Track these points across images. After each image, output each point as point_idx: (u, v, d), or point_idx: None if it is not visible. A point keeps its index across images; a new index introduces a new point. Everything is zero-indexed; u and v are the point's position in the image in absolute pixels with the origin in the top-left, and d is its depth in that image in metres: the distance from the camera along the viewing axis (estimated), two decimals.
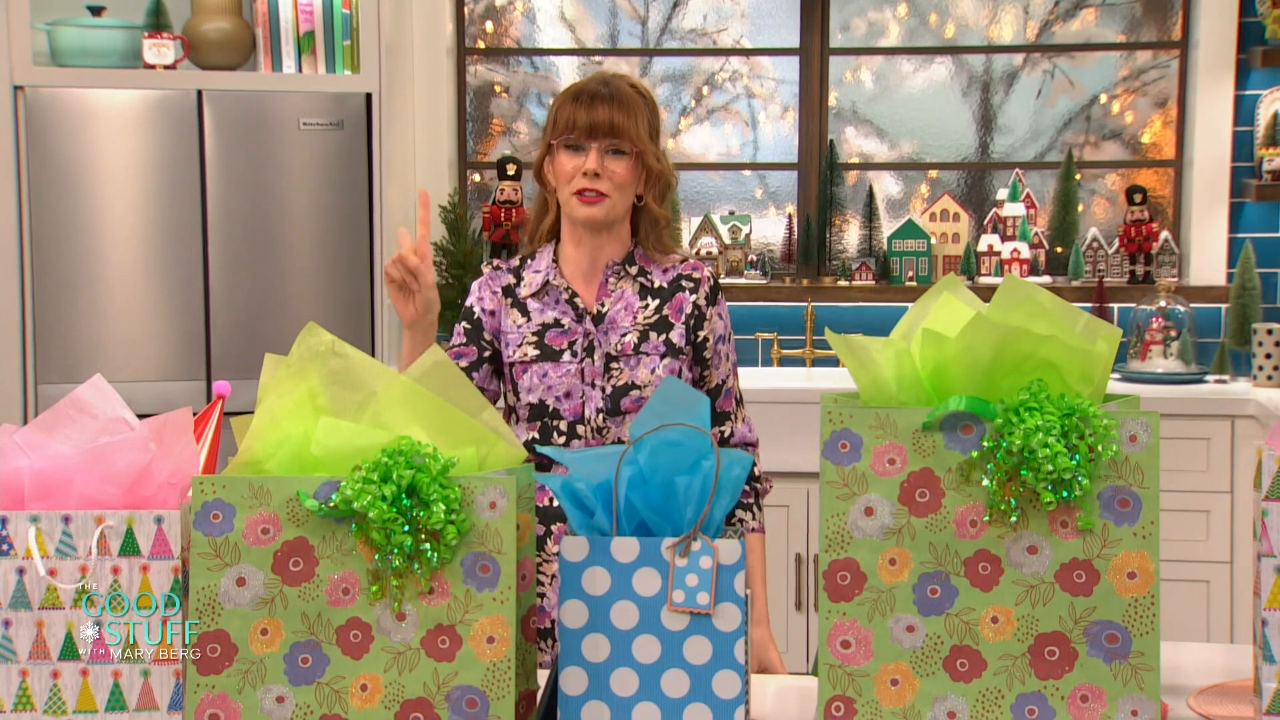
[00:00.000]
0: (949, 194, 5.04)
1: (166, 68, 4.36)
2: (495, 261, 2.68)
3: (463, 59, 5.13)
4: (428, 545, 1.64)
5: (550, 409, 2.54)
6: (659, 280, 2.60)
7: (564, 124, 2.54)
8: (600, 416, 2.53)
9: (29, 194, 4.26)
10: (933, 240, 4.96)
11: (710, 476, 1.69)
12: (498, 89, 5.22)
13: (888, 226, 5.06)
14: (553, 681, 1.82)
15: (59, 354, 4.30)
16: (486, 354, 2.61)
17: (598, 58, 5.20)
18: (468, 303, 2.64)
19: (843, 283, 4.96)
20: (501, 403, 2.63)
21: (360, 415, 1.73)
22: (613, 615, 1.70)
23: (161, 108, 4.30)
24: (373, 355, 3.76)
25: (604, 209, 2.53)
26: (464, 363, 2.62)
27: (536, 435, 2.55)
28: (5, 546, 1.69)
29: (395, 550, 1.64)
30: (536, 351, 2.56)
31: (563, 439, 2.54)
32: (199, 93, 4.32)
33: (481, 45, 5.19)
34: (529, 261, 2.64)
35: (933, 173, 5.16)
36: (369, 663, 1.67)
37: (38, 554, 1.69)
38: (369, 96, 4.40)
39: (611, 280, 2.59)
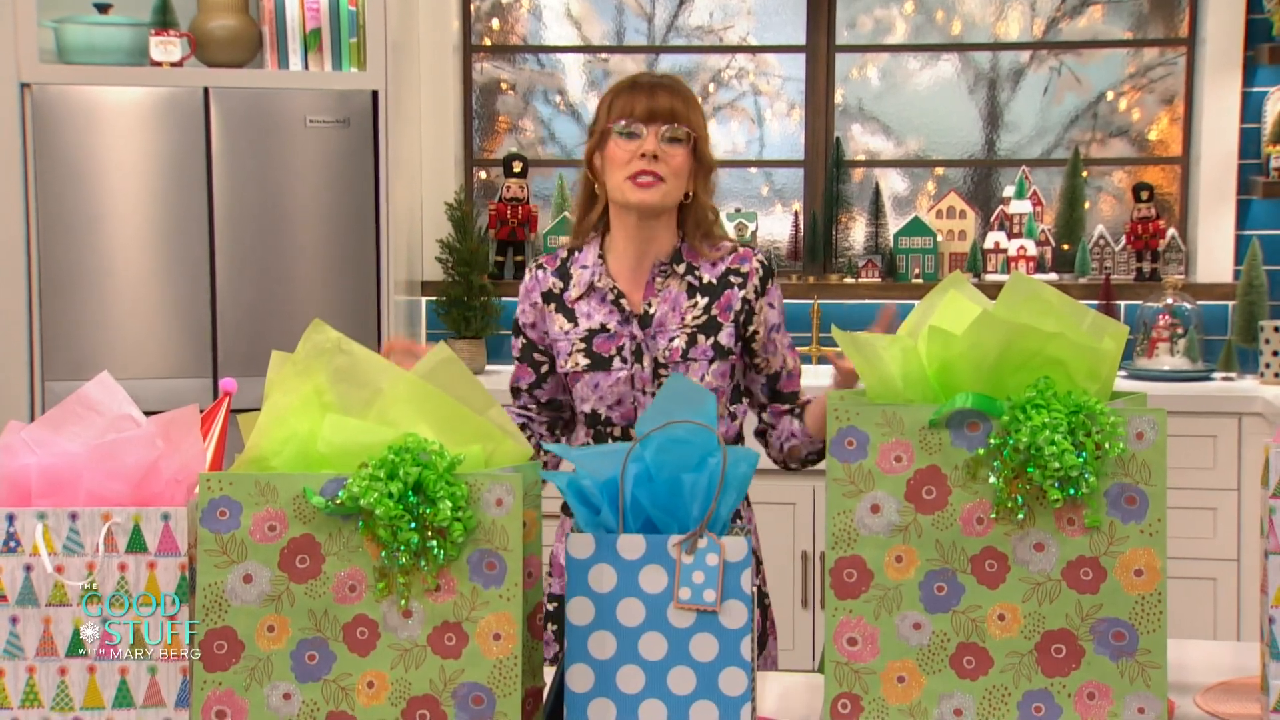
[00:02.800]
0: (955, 191, 5.04)
1: (173, 65, 4.37)
2: (541, 260, 2.65)
3: (469, 56, 5.13)
4: (434, 542, 1.64)
5: (603, 417, 2.54)
6: (707, 275, 2.56)
7: (621, 110, 2.52)
8: None
9: (36, 191, 4.27)
10: (939, 237, 4.95)
11: (716, 474, 1.69)
12: (504, 86, 5.22)
13: (894, 224, 5.05)
14: (559, 678, 1.82)
15: (66, 351, 4.30)
16: (545, 369, 2.62)
17: (604, 55, 5.20)
18: (517, 315, 2.64)
19: (849, 280, 4.96)
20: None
21: (366, 412, 1.73)
22: (619, 613, 1.70)
23: (168, 105, 4.31)
24: (379, 352, 3.74)
25: (659, 193, 2.50)
26: (524, 383, 2.64)
27: (592, 441, 2.56)
28: (12, 544, 1.69)
29: (402, 547, 1.65)
30: (587, 361, 2.54)
31: None
32: (205, 90, 4.32)
33: (488, 42, 5.19)
34: (575, 255, 2.62)
35: (939, 170, 5.16)
36: (376, 660, 1.67)
37: (45, 551, 1.69)
38: (375, 94, 4.40)
39: (659, 280, 2.56)
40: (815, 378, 4.72)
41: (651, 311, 2.54)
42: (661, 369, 2.51)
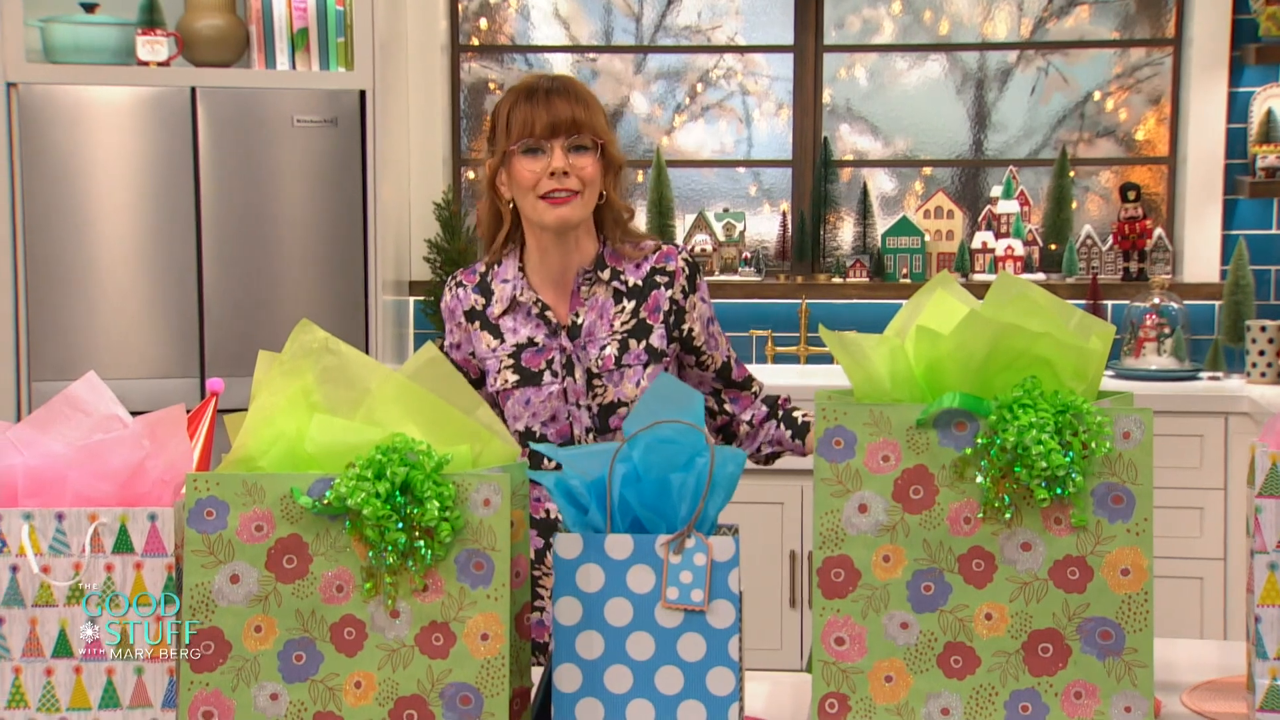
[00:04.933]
0: (943, 191, 5.04)
1: (160, 64, 4.36)
2: (459, 276, 2.55)
3: (457, 56, 5.12)
4: (421, 542, 1.64)
5: (537, 435, 2.46)
6: (633, 278, 2.48)
7: (521, 126, 2.40)
8: (590, 436, 2.44)
9: (23, 191, 4.26)
10: (927, 237, 4.96)
11: (704, 473, 1.69)
12: (492, 86, 5.22)
13: (882, 224, 5.06)
14: (547, 679, 1.82)
15: (53, 351, 4.29)
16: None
17: (592, 55, 5.20)
18: (444, 343, 2.56)
19: (837, 280, 4.96)
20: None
21: (354, 412, 1.73)
22: (607, 612, 1.70)
23: (155, 105, 4.30)
24: (366, 352, 3.75)
25: (576, 207, 2.40)
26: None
27: (527, 462, 2.49)
28: None
29: (389, 547, 1.64)
30: (516, 377, 2.46)
31: (554, 465, 2.40)
32: (193, 90, 4.31)
33: (475, 42, 5.19)
34: (495, 269, 2.52)
35: (927, 170, 5.16)
36: (363, 660, 1.67)
37: (31, 551, 1.69)
38: (363, 93, 4.40)
39: (584, 289, 2.47)
40: (804, 377, 4.72)
41: (579, 322, 2.46)
42: (595, 379, 2.43)
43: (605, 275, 2.48)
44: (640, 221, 4.80)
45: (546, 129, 2.39)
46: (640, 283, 2.49)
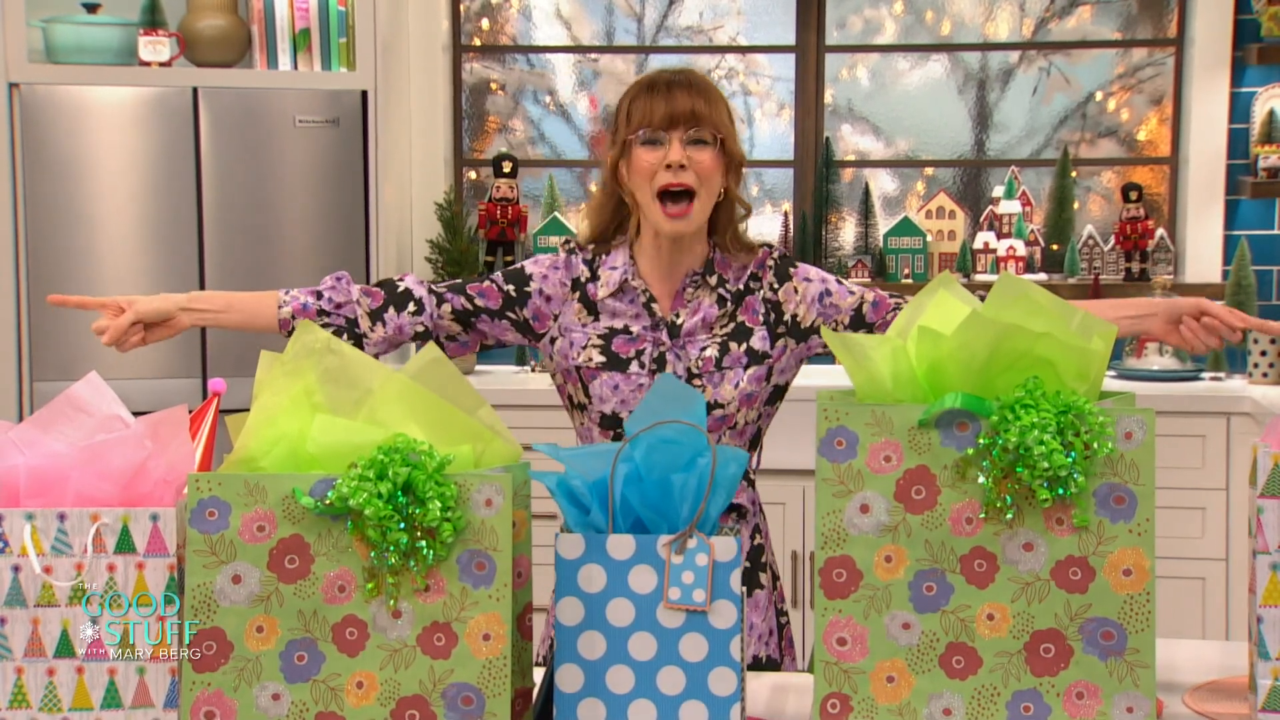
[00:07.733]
0: (945, 191, 5.04)
1: (162, 65, 4.36)
2: (572, 243, 2.51)
3: (459, 56, 5.12)
4: (424, 543, 1.64)
5: (623, 420, 2.44)
6: (734, 285, 2.46)
7: (640, 117, 2.38)
8: None
9: (25, 192, 4.26)
10: (929, 238, 4.96)
11: (706, 474, 1.69)
12: (494, 86, 5.22)
13: (884, 224, 5.06)
14: (549, 679, 1.82)
15: (55, 351, 4.30)
16: (473, 317, 2.46)
17: (593, 55, 5.20)
18: (529, 270, 2.49)
19: None
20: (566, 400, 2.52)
21: (356, 412, 1.73)
22: (609, 613, 1.70)
23: (157, 105, 4.30)
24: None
25: (693, 222, 2.39)
26: (480, 302, 2.47)
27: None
28: (0, 544, 1.69)
29: (391, 548, 1.65)
30: (603, 359, 2.44)
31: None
32: (194, 90, 4.31)
33: (477, 42, 5.19)
34: (602, 258, 2.49)
35: (929, 170, 5.16)
36: (365, 660, 1.67)
37: (33, 551, 1.69)
38: (365, 94, 4.40)
39: (689, 290, 2.45)
40: (805, 377, 4.71)
41: (679, 322, 2.45)
42: (695, 379, 2.41)
43: (712, 281, 2.46)
44: None
45: (665, 120, 2.37)
46: (741, 288, 2.47)
